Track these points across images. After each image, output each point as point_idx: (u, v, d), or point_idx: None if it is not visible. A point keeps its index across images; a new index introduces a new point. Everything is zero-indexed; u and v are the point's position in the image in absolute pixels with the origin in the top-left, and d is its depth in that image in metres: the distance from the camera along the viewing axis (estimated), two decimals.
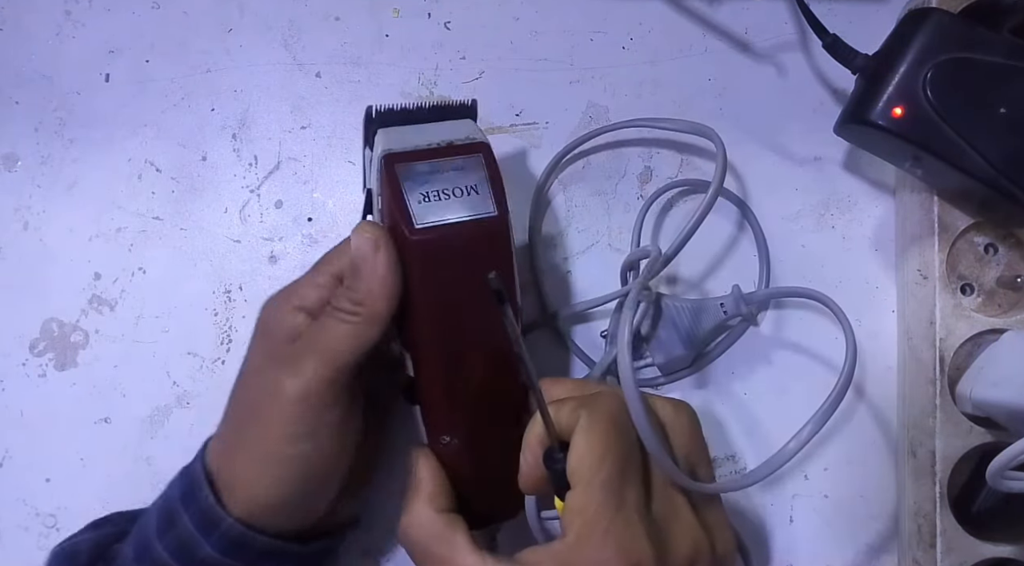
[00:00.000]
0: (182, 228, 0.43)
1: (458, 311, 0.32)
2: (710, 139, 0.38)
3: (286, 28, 0.44)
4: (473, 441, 0.34)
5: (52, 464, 0.40)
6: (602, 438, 0.28)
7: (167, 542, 0.31)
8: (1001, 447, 0.31)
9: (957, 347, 0.37)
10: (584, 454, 0.28)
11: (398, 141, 0.32)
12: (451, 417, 0.33)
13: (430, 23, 0.44)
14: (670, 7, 0.44)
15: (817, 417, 0.30)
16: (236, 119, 0.43)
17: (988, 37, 0.35)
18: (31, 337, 0.42)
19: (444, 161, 0.32)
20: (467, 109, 0.36)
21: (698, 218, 0.35)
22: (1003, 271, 0.39)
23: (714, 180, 0.36)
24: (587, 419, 0.28)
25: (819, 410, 0.30)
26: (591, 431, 0.28)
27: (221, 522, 0.30)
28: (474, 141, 0.33)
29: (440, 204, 0.31)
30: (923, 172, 0.37)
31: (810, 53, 0.43)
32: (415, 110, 0.34)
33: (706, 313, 0.39)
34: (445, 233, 0.31)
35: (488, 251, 0.32)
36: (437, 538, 0.31)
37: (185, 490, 0.32)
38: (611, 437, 0.28)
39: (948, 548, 0.36)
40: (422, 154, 0.32)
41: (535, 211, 0.42)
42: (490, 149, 0.33)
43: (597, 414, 0.28)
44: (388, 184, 0.31)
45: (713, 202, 0.35)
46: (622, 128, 0.42)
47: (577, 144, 0.42)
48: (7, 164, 0.43)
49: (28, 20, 0.44)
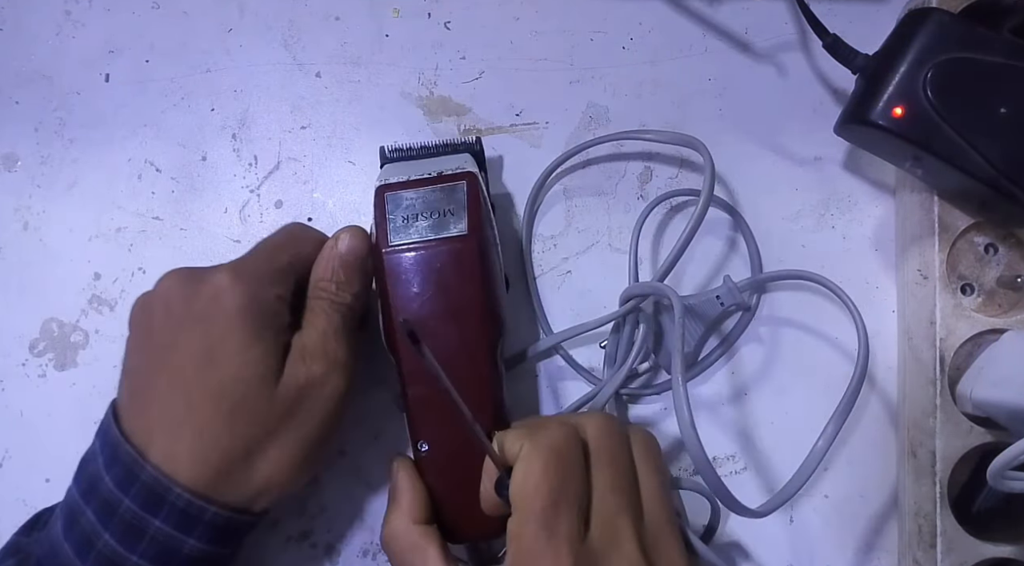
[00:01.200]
0: (182, 228, 0.43)
1: (427, 323, 0.34)
2: (698, 151, 0.38)
3: (286, 28, 0.44)
4: (446, 451, 0.35)
5: (52, 464, 0.40)
6: (539, 467, 0.29)
7: (113, 531, 0.30)
8: (1001, 447, 0.31)
9: (957, 347, 0.37)
10: (520, 482, 0.29)
11: (395, 174, 0.36)
12: (425, 425, 0.35)
13: (430, 23, 0.44)
14: (670, 7, 0.44)
15: (839, 411, 0.32)
16: (236, 119, 0.43)
17: (988, 37, 0.35)
18: (31, 337, 0.42)
19: (428, 189, 0.35)
20: (470, 146, 0.39)
21: (687, 236, 0.36)
22: (1003, 271, 0.39)
23: (702, 195, 0.36)
24: (527, 448, 0.29)
25: (840, 403, 0.33)
26: (529, 460, 0.29)
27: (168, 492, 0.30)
28: (461, 171, 0.36)
29: (415, 225, 0.35)
30: (923, 172, 0.37)
31: (810, 53, 0.43)
32: (421, 148, 0.39)
33: (703, 308, 0.40)
34: (414, 249, 0.34)
35: (456, 268, 0.34)
36: (411, 549, 0.32)
37: (121, 479, 0.31)
38: (549, 467, 0.29)
39: (948, 548, 0.36)
40: (410, 184, 0.36)
41: (535, 212, 0.42)
42: (475, 177, 0.36)
43: (537, 443, 0.29)
44: (376, 210, 0.35)
45: (702, 218, 0.36)
46: (613, 140, 0.42)
47: (573, 153, 0.42)
48: (7, 164, 0.43)
49: (28, 20, 0.44)
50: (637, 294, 0.38)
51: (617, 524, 0.29)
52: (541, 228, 0.43)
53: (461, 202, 0.35)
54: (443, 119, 0.43)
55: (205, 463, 0.31)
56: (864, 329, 0.35)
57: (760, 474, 0.40)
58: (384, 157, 0.39)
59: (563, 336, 0.40)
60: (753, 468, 0.40)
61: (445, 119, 0.43)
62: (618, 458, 0.31)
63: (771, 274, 0.41)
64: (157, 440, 0.31)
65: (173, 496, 0.30)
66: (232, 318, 0.32)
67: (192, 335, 0.32)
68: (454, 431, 0.34)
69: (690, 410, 0.30)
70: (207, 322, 0.32)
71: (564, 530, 0.28)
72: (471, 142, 0.39)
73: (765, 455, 0.41)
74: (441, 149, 0.39)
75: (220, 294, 0.32)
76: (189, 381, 0.31)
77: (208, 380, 0.31)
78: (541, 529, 0.28)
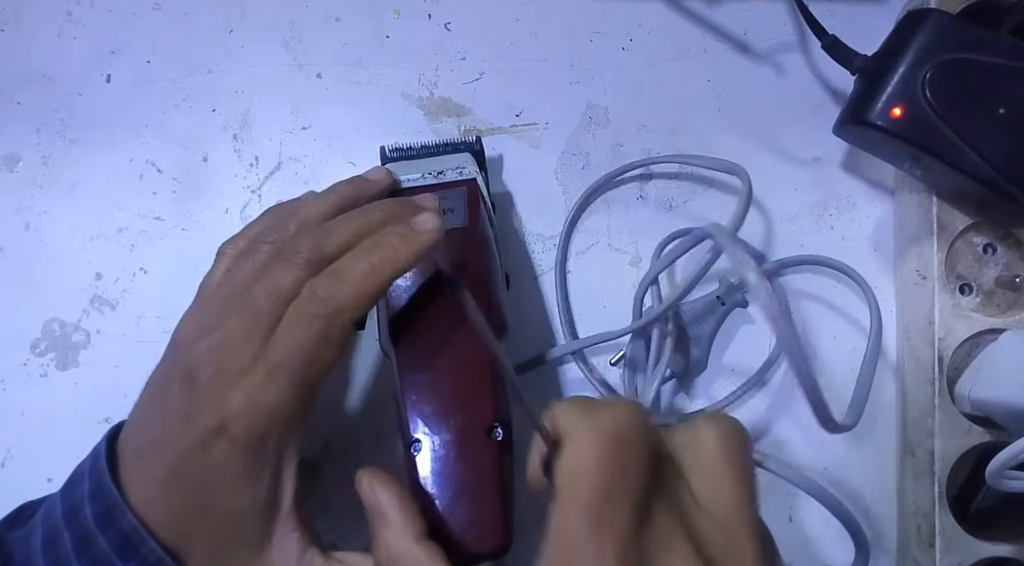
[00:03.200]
0: (183, 228, 0.43)
1: (424, 313, 0.34)
2: (739, 177, 0.37)
3: (287, 29, 0.44)
4: (443, 452, 0.32)
5: (53, 464, 0.40)
6: (594, 451, 0.23)
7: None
8: (1000, 447, 0.31)
9: (956, 347, 0.37)
10: (568, 467, 0.24)
11: (396, 174, 0.37)
12: (417, 419, 0.32)
13: (430, 24, 0.44)
14: (669, 8, 0.44)
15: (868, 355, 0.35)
16: (237, 120, 0.43)
17: (987, 38, 0.35)
18: (32, 337, 0.42)
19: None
20: (470, 145, 0.39)
21: (711, 258, 0.36)
22: (1002, 271, 0.39)
23: (734, 219, 0.35)
24: (582, 427, 0.24)
25: (867, 349, 0.35)
26: (581, 441, 0.24)
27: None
28: (462, 178, 0.37)
29: None
30: (922, 172, 0.38)
31: (809, 54, 0.43)
32: (421, 148, 0.39)
33: (706, 310, 0.40)
34: None
35: (459, 253, 0.34)
36: None
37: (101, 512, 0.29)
38: (605, 450, 0.23)
39: (947, 547, 0.36)
40: (413, 191, 0.36)
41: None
42: (475, 183, 0.37)
43: (595, 422, 0.24)
44: None
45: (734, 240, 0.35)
46: (653, 164, 0.42)
47: (613, 176, 0.42)
48: (8, 165, 0.43)
49: (29, 21, 0.44)
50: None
51: (675, 525, 0.24)
52: (541, 228, 0.43)
53: (461, 202, 0.35)
54: (443, 120, 0.43)
55: (183, 538, 0.29)
56: (876, 302, 0.38)
57: None
58: (384, 157, 0.39)
59: (584, 343, 0.40)
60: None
61: (445, 120, 0.43)
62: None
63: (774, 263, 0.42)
64: (140, 487, 0.29)
65: (147, 550, 0.28)
66: (232, 461, 0.29)
67: (200, 426, 0.29)
68: (452, 429, 0.32)
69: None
70: (210, 447, 0.29)
71: (616, 530, 0.22)
72: (471, 141, 0.40)
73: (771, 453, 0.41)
74: (441, 149, 0.39)
75: (230, 429, 0.29)
76: (182, 462, 0.29)
77: (201, 484, 0.29)
78: (588, 526, 0.22)
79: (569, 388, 0.41)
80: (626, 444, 0.24)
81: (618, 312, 0.41)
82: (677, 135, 0.43)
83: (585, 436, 0.24)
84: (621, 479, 0.23)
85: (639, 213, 0.43)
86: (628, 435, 0.24)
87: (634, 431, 0.24)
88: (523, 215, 0.43)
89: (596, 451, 0.23)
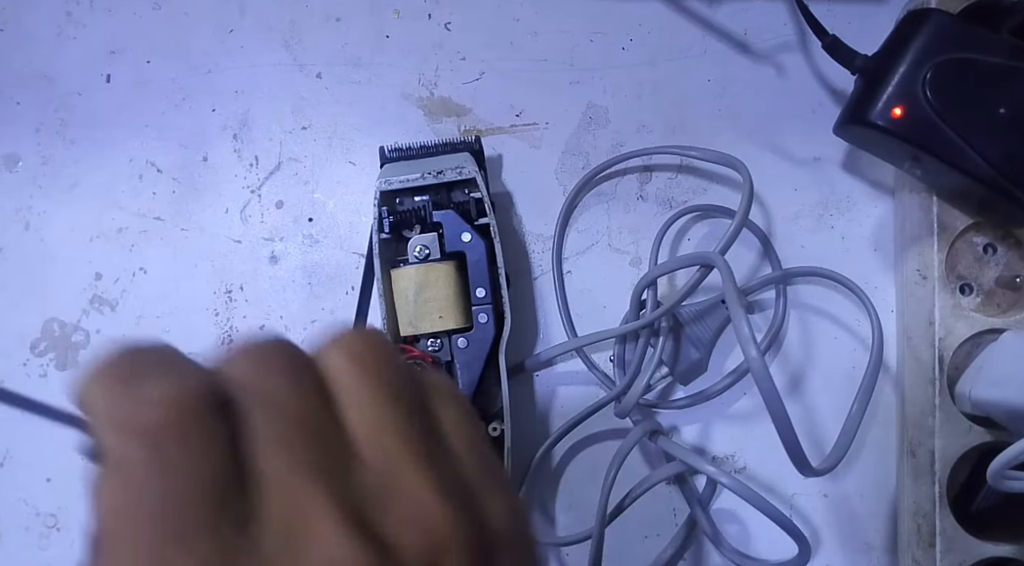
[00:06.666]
0: (183, 228, 0.43)
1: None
2: (738, 172, 0.37)
3: (287, 29, 0.44)
4: None
5: (53, 464, 0.40)
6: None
7: None
8: (1000, 447, 0.31)
9: (956, 347, 0.37)
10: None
11: (396, 174, 0.37)
12: None
13: (430, 24, 0.44)
14: (670, 8, 0.44)
15: (860, 395, 0.34)
16: (237, 120, 0.43)
17: (987, 38, 0.35)
18: (32, 337, 0.42)
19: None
20: (469, 145, 0.39)
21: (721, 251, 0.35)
22: (1002, 271, 0.39)
23: (737, 216, 0.35)
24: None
25: (860, 388, 0.34)
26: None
27: None
28: (461, 178, 0.37)
29: None
30: (922, 172, 0.37)
31: (809, 54, 0.43)
32: (420, 148, 0.40)
33: (710, 313, 0.40)
34: None
35: None
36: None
37: None
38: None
39: (947, 547, 0.36)
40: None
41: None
42: (475, 184, 0.37)
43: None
44: (376, 211, 0.37)
45: (735, 238, 0.35)
46: (649, 154, 0.42)
47: (606, 166, 0.42)
48: (8, 165, 0.43)
49: (29, 21, 0.44)
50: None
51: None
52: (540, 228, 0.43)
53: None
54: (443, 120, 0.43)
55: None
56: (876, 316, 0.37)
57: (759, 472, 0.41)
58: (384, 157, 0.40)
59: (586, 340, 0.40)
60: (752, 467, 0.41)
61: (445, 120, 0.43)
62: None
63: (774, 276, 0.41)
64: None
65: None
66: None
67: None
68: None
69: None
70: None
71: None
72: (471, 141, 0.40)
73: (763, 454, 0.41)
74: (441, 149, 0.40)
75: None
76: None
77: None
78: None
79: (570, 388, 0.41)
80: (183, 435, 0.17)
81: (618, 312, 0.41)
82: (677, 135, 0.43)
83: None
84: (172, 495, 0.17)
85: (639, 213, 0.43)
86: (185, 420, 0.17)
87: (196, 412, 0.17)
88: (523, 215, 0.43)
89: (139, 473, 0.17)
